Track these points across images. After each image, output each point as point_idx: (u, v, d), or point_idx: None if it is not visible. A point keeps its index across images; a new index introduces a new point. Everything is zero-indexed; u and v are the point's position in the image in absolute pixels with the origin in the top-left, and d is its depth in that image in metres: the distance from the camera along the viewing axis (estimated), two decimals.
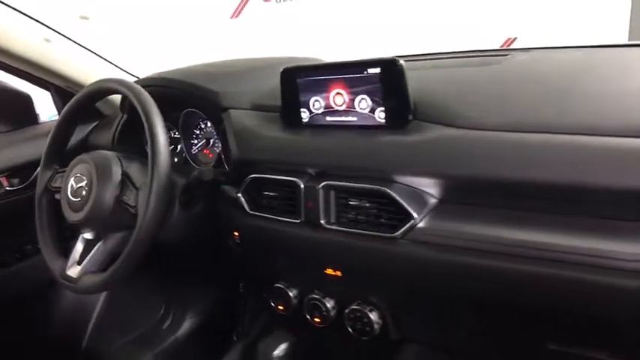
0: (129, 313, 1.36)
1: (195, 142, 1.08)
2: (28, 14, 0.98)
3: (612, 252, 0.53)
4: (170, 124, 1.09)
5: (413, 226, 0.65)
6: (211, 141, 1.05)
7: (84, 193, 0.81)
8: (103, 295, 1.29)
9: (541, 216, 0.59)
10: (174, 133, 1.11)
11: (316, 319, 0.80)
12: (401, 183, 0.67)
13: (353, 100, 0.74)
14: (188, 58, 1.14)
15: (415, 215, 0.64)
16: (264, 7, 3.94)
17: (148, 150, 0.74)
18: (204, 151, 1.06)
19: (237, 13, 4.05)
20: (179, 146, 1.10)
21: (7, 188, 1.11)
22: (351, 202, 0.71)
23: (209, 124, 1.02)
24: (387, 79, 0.70)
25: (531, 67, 0.77)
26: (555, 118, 0.60)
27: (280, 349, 0.71)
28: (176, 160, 1.12)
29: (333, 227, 0.72)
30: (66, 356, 1.21)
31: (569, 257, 0.55)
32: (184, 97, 0.95)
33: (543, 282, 0.58)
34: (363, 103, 0.74)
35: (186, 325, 1.44)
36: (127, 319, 1.35)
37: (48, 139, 0.94)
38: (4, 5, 0.97)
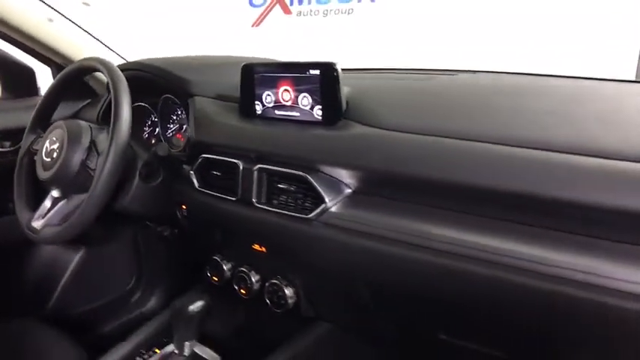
0: (99, 280, 1.44)
1: (171, 126, 1.17)
2: None
3: (502, 250, 0.58)
4: (151, 109, 1.19)
5: (325, 210, 0.73)
6: (184, 126, 1.14)
7: (55, 154, 0.91)
8: (75, 260, 1.38)
9: (441, 211, 0.65)
10: (154, 117, 1.21)
11: (242, 291, 0.88)
12: (322, 172, 0.75)
13: (297, 97, 0.83)
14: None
15: (327, 200, 0.72)
16: (284, 19, 4.10)
17: (111, 120, 0.84)
18: (177, 135, 1.15)
19: (258, 22, 4.21)
20: (157, 129, 1.20)
21: None
22: (280, 186, 0.80)
23: (183, 110, 1.12)
24: (325, 80, 0.78)
25: (462, 85, 0.85)
26: (468, 127, 0.67)
27: (196, 305, 0.79)
28: (153, 141, 1.21)
29: (263, 206, 0.80)
30: (31, 313, 1.29)
31: (465, 251, 0.61)
32: (160, 83, 1.05)
33: (437, 273, 0.65)
34: (305, 100, 0.82)
35: (153, 302, 1.51)
36: (95, 286, 1.43)
37: (35, 108, 1.04)
38: None
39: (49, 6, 1.13)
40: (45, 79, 1.38)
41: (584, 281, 0.53)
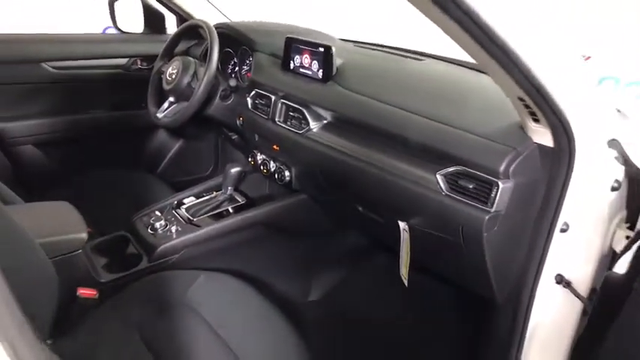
0: (190, 162, 2.17)
1: (245, 67, 1.78)
2: None
3: (386, 162, 1.11)
4: (234, 53, 1.81)
5: (309, 130, 1.31)
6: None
7: (173, 76, 1.57)
8: (176, 146, 2.11)
9: (367, 140, 1.18)
10: (235, 60, 1.83)
11: (264, 171, 1.53)
12: (313, 109, 1.33)
13: (311, 62, 1.40)
14: None
15: (312, 124, 1.31)
16: None
17: (207, 60, 1.48)
18: (247, 74, 1.76)
19: None
20: (236, 68, 1.83)
21: (140, 67, 1.94)
22: (291, 113, 1.39)
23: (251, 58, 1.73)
24: (325, 55, 1.34)
25: (414, 69, 1.36)
26: (394, 98, 1.18)
27: (235, 169, 1.45)
28: (233, 75, 1.83)
29: (280, 124, 1.41)
30: (143, 174, 2.00)
31: (383, 165, 1.16)
32: (239, 39, 1.66)
33: (362, 173, 1.20)
34: (315, 65, 1.39)
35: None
36: (187, 166, 2.16)
37: (164, 45, 1.71)
38: None
39: None
40: (170, 23, 2.05)
41: (409, 178, 1.07)
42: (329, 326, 1.49)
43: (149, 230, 1.37)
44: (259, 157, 1.56)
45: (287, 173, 1.46)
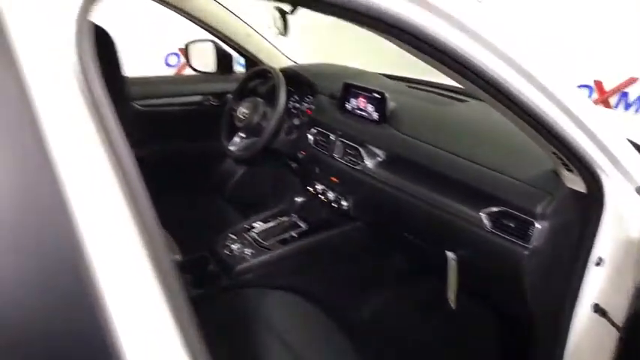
0: (253, 186, 2.38)
1: (305, 104, 1.98)
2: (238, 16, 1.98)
3: (432, 197, 1.28)
4: (295, 92, 2.02)
5: (365, 166, 1.49)
6: (312, 106, 1.95)
7: (245, 115, 1.79)
8: (239, 172, 2.34)
9: (415, 177, 1.35)
10: (297, 97, 2.03)
11: (323, 199, 1.71)
12: (368, 147, 1.50)
13: (367, 105, 1.57)
14: None
15: (367, 161, 1.48)
16: None
17: (275, 102, 1.69)
18: (307, 111, 1.96)
19: None
20: (297, 105, 2.03)
21: (212, 103, 2.19)
22: (348, 150, 1.57)
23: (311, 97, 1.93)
24: (380, 101, 1.51)
25: (459, 113, 1.50)
26: (443, 142, 1.35)
27: (297, 200, 1.65)
28: (295, 112, 2.04)
29: (339, 159, 1.59)
30: (214, 198, 2.25)
31: (431, 201, 1.33)
32: (302, 82, 1.87)
33: (412, 206, 1.37)
34: (370, 107, 1.56)
35: (282, 205, 2.41)
36: (251, 189, 2.37)
37: (237, 86, 1.94)
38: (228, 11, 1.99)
39: (247, 24, 2.01)
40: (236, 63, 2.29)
41: (456, 214, 1.22)
42: (381, 343, 1.64)
43: (226, 252, 1.58)
44: (319, 186, 1.74)
45: (344, 203, 1.63)
